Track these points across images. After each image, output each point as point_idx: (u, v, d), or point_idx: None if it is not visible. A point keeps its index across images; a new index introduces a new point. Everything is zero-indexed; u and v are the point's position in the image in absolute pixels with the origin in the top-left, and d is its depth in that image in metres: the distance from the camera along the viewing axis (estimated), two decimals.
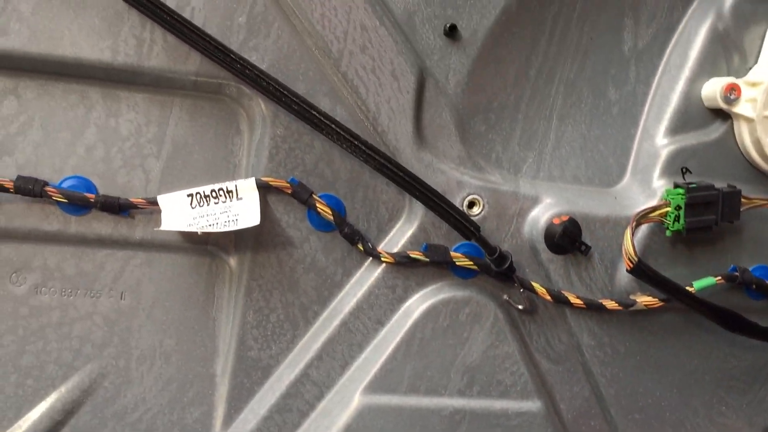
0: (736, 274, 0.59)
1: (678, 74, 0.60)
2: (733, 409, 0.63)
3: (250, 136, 0.56)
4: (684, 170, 0.59)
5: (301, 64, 0.54)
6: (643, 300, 0.58)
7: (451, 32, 0.56)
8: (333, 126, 0.53)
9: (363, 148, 0.53)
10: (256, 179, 0.54)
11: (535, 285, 0.58)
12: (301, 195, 0.55)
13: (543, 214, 0.58)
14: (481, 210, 0.58)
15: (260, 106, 0.54)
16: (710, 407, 0.63)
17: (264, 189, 0.55)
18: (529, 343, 0.60)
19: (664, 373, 0.62)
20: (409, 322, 0.57)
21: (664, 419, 0.62)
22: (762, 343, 0.61)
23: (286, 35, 0.54)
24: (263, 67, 0.53)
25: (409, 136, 0.56)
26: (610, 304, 0.59)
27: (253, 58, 0.53)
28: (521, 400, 0.59)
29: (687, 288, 0.58)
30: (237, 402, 0.57)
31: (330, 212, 0.55)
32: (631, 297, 0.59)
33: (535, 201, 0.59)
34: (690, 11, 0.60)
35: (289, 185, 0.55)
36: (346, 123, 0.55)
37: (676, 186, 0.58)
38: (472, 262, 0.57)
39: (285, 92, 0.53)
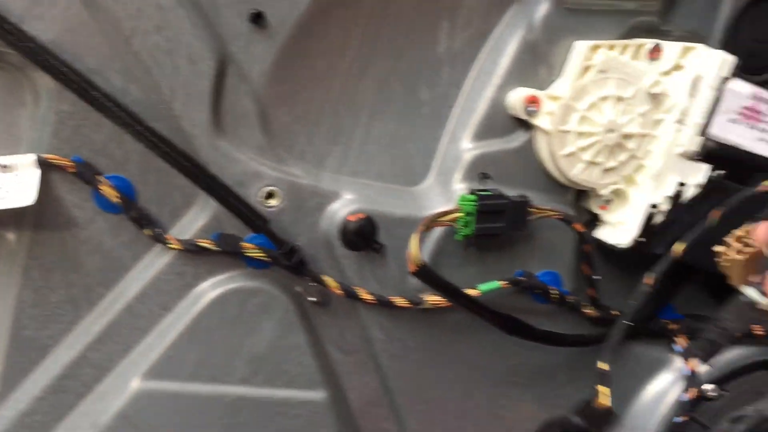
0: (522, 278, 0.62)
1: (487, 80, 0.61)
2: (515, 403, 0.67)
3: (35, 109, 0.53)
4: (481, 176, 0.61)
5: (92, 38, 0.51)
6: (431, 299, 0.60)
7: (257, 19, 0.54)
8: (114, 108, 0.51)
9: (145, 132, 0.52)
10: (37, 156, 0.52)
11: (327, 279, 0.59)
12: (85, 175, 0.53)
13: (340, 210, 0.59)
14: (279, 202, 0.58)
15: (45, 79, 0.51)
16: (493, 401, 0.66)
17: (46, 166, 0.52)
18: (321, 335, 0.61)
19: (450, 367, 0.64)
20: (196, 309, 0.57)
21: (447, 410, 0.65)
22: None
23: (77, 5, 0.51)
24: (49, 37, 0.50)
25: (205, 122, 0.54)
26: (400, 302, 0.60)
27: (38, 28, 0.50)
28: (306, 389, 0.60)
29: (473, 290, 0.60)
30: (10, 381, 0.55)
31: (116, 194, 0.54)
32: (421, 296, 0.61)
33: (334, 196, 0.59)
34: (505, 19, 0.61)
35: (72, 164, 0.53)
36: (139, 104, 0.53)
37: (472, 192, 0.59)
38: (263, 254, 0.57)
39: (64, 68, 0.50)
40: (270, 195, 0.58)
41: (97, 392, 0.56)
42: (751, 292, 0.44)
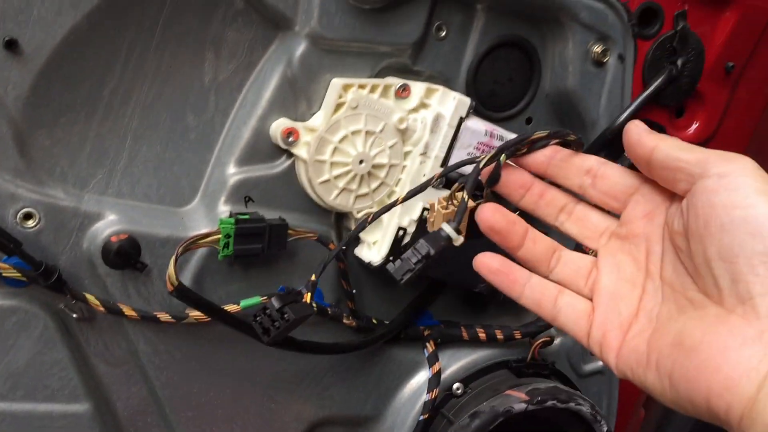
0: (282, 294, 0.67)
1: (252, 110, 0.65)
2: (282, 405, 0.72)
3: None
4: (246, 199, 0.65)
5: None
6: (195, 314, 0.64)
7: (11, 46, 0.55)
8: None
9: None
10: None
11: (89, 297, 0.61)
12: None
13: (103, 230, 0.61)
14: (37, 223, 0.59)
15: None
16: (261, 405, 0.71)
17: None
18: (86, 349, 0.64)
19: (218, 375, 0.69)
20: None
21: (216, 416, 0.70)
22: None
23: None
24: None
25: None
26: (164, 317, 0.64)
27: None
28: (68, 402, 0.62)
29: (234, 306, 0.64)
30: None
31: None
32: (186, 311, 0.64)
33: (97, 217, 0.61)
34: (268, 54, 0.65)
35: None
36: None
37: (231, 216, 0.63)
38: (20, 274, 0.58)
39: None
40: (27, 216, 0.59)
41: None
42: (447, 228, 0.51)
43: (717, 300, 0.41)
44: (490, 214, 0.51)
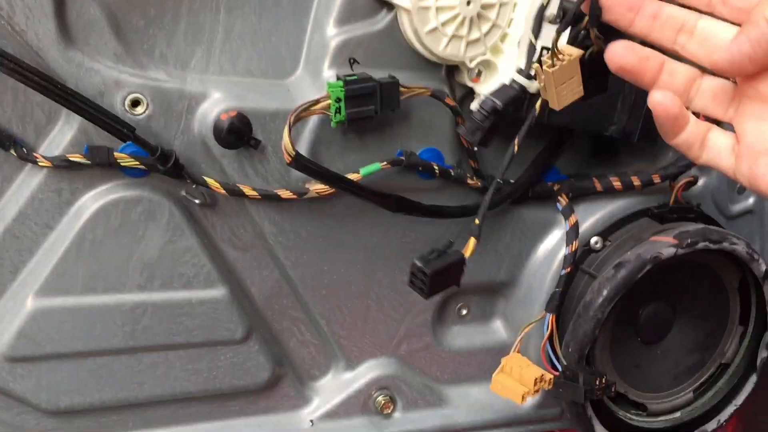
0: (402, 158, 0.63)
1: None
2: None
3: None
4: (352, 61, 0.61)
5: None
6: (316, 188, 0.62)
7: None
8: None
9: None
10: None
11: (209, 180, 0.59)
12: None
13: (211, 109, 0.59)
14: (146, 109, 0.57)
15: None
16: (393, 277, 0.69)
17: None
18: (213, 235, 0.63)
19: (347, 251, 0.67)
20: (79, 224, 0.58)
21: (350, 292, 0.68)
22: None
23: None
24: None
25: (52, 34, 0.53)
26: (285, 194, 0.61)
27: None
28: (204, 288, 0.62)
29: (355, 174, 0.61)
30: None
31: None
32: (306, 185, 0.62)
33: (203, 97, 0.59)
34: None
35: None
36: None
37: (338, 78, 0.59)
38: (138, 162, 0.57)
39: None
40: (135, 102, 0.57)
41: None
42: (519, 78, 0.47)
43: None
44: (620, 53, 0.45)
